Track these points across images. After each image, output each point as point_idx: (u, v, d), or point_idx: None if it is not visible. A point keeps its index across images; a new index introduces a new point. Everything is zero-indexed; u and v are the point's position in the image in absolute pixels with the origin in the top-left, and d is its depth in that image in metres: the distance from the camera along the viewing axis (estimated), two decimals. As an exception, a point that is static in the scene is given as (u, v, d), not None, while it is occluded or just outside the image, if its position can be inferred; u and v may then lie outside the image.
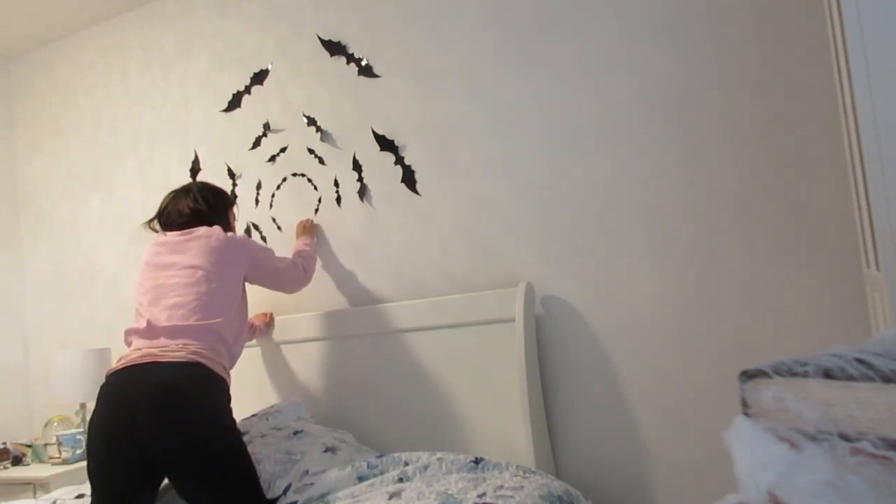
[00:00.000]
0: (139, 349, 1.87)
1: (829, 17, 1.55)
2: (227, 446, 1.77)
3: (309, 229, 2.56)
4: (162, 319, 1.90)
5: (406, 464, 1.96)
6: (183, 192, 2.19)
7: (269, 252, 2.23)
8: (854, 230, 1.73)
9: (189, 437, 1.71)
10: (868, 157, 1.13)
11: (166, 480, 1.83)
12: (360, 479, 1.90)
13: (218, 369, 1.86)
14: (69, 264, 3.31)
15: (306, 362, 2.53)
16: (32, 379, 3.40)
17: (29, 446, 3.03)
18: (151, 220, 2.20)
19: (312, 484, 1.87)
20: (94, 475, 1.78)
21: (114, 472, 1.75)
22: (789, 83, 1.87)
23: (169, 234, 2.10)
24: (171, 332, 1.88)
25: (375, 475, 1.91)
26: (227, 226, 2.21)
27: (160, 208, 2.19)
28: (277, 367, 2.60)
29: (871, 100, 1.10)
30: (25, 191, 3.51)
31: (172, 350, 1.83)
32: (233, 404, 1.94)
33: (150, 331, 1.89)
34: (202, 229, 2.08)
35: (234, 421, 1.88)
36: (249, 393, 2.62)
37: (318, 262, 2.56)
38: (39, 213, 3.45)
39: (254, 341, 2.64)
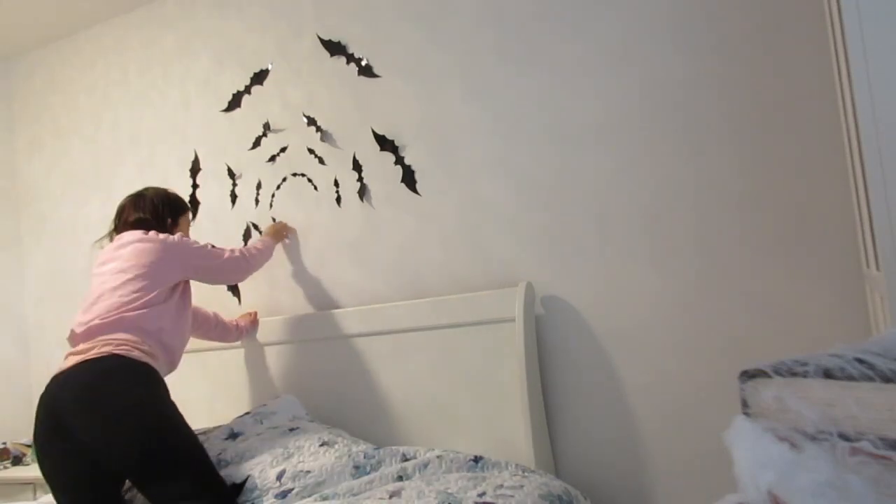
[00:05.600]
0: (67, 356, 1.91)
1: (829, 17, 1.55)
2: (158, 437, 1.77)
3: (276, 233, 2.57)
4: (84, 325, 1.92)
5: (404, 457, 1.96)
6: (135, 198, 2.21)
7: (204, 252, 2.17)
8: (854, 230, 1.73)
9: (118, 435, 1.73)
10: (868, 157, 1.13)
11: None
12: (357, 467, 1.90)
13: (137, 355, 1.85)
14: (69, 264, 3.31)
15: (306, 362, 2.53)
16: (32, 379, 3.40)
17: (29, 446, 3.03)
18: (103, 237, 2.23)
19: (309, 471, 1.86)
20: (52, 488, 1.81)
21: (66, 480, 1.78)
22: (790, 83, 1.87)
23: (112, 243, 2.13)
24: (89, 333, 1.90)
25: (372, 466, 1.91)
26: (175, 233, 2.19)
27: (115, 217, 2.22)
28: (277, 368, 2.60)
29: (871, 100, 1.10)
30: (25, 191, 3.51)
31: (91, 349, 1.85)
32: (232, 404, 1.94)
33: (73, 338, 1.94)
34: (136, 233, 2.08)
35: (169, 405, 1.86)
36: (248, 394, 2.62)
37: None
38: (39, 214, 3.45)
39: (255, 340, 2.64)
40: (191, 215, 2.35)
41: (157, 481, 1.73)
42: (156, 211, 2.18)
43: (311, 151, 2.65)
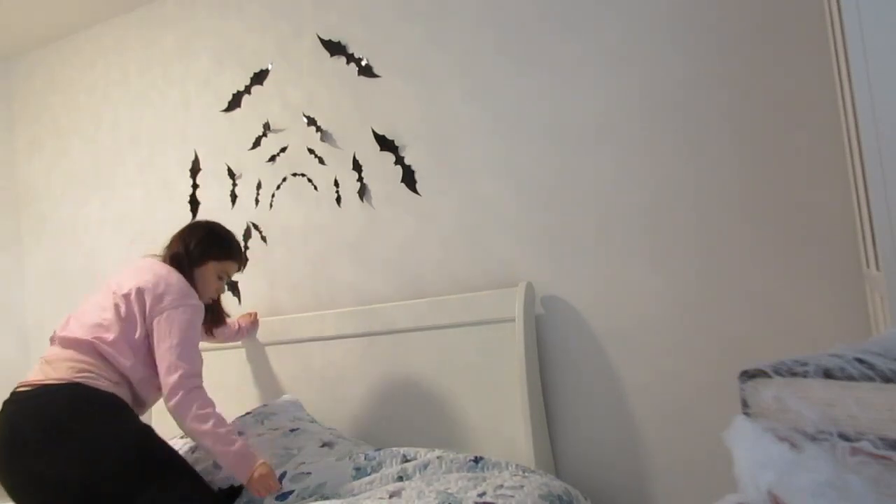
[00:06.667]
0: (35, 370, 1.86)
1: (829, 17, 1.56)
2: (137, 469, 1.70)
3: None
4: (65, 331, 1.90)
5: (405, 458, 1.96)
6: (191, 226, 2.17)
7: (172, 353, 1.83)
8: (854, 230, 1.73)
9: (94, 470, 1.66)
10: (868, 157, 1.13)
11: None
12: (357, 469, 1.90)
13: (102, 384, 1.77)
14: (69, 264, 3.31)
15: (306, 363, 2.53)
16: (32, 379, 3.40)
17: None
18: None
19: (309, 473, 1.86)
20: None
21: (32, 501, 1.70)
22: (790, 83, 1.87)
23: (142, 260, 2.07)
24: (64, 342, 1.87)
25: (373, 467, 1.92)
26: (197, 275, 2.03)
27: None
28: (277, 368, 2.60)
29: (871, 100, 1.10)
30: (25, 191, 3.51)
31: (58, 365, 1.80)
32: (232, 405, 1.94)
33: (51, 341, 1.93)
34: (151, 262, 2.01)
35: (140, 430, 1.78)
36: (249, 393, 2.62)
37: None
38: (39, 213, 3.45)
39: (255, 340, 2.64)
40: (234, 266, 2.16)
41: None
42: (187, 246, 2.04)
43: (311, 151, 2.65)
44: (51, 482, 1.67)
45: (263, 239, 2.75)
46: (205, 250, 2.06)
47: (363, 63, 2.54)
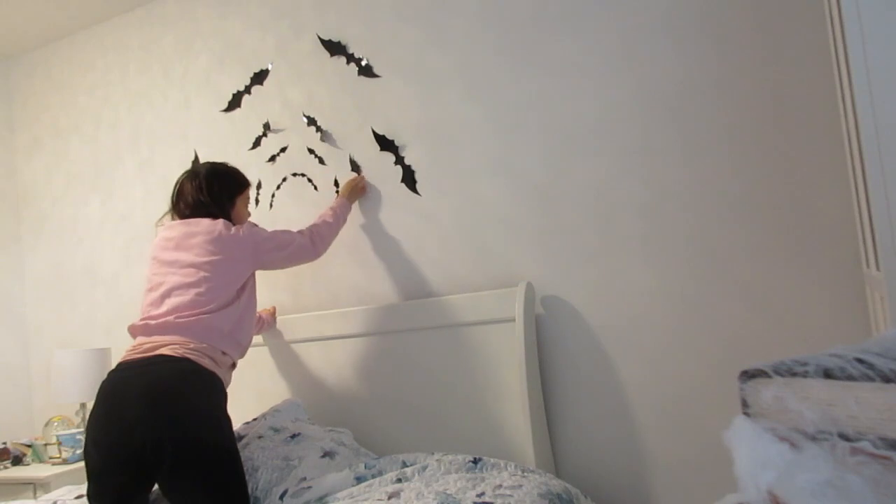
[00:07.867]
0: (136, 346, 1.90)
1: (829, 17, 1.55)
2: (217, 444, 1.78)
3: (351, 191, 2.47)
4: (160, 318, 1.92)
5: (404, 464, 1.96)
6: (191, 176, 2.13)
7: (277, 240, 2.12)
8: (854, 230, 1.73)
9: (179, 432, 1.72)
10: (868, 157, 1.13)
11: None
12: (358, 479, 1.90)
13: (208, 364, 1.86)
14: (69, 264, 3.31)
15: (306, 362, 2.53)
16: (32, 379, 3.40)
17: (29, 446, 3.03)
18: (164, 215, 2.17)
19: (310, 487, 1.87)
20: (89, 473, 1.81)
21: (107, 470, 1.76)
22: (789, 83, 1.87)
23: (175, 226, 2.06)
24: (166, 328, 1.89)
25: (374, 475, 1.92)
26: (234, 215, 2.13)
27: (172, 195, 2.14)
28: (277, 368, 2.60)
29: (871, 100, 1.10)
30: (25, 191, 3.51)
31: (165, 346, 1.85)
32: (233, 404, 1.95)
33: (146, 328, 1.92)
34: (205, 223, 2.02)
35: (227, 419, 1.86)
36: (249, 393, 2.62)
37: (334, 237, 2.37)
38: (39, 213, 3.45)
39: (255, 340, 2.64)
40: (251, 192, 2.24)
41: (190, 484, 1.73)
42: (212, 192, 2.09)
43: (311, 151, 2.65)
44: (133, 440, 1.71)
45: (263, 239, 2.75)
46: (230, 191, 2.15)
47: (363, 63, 2.54)
